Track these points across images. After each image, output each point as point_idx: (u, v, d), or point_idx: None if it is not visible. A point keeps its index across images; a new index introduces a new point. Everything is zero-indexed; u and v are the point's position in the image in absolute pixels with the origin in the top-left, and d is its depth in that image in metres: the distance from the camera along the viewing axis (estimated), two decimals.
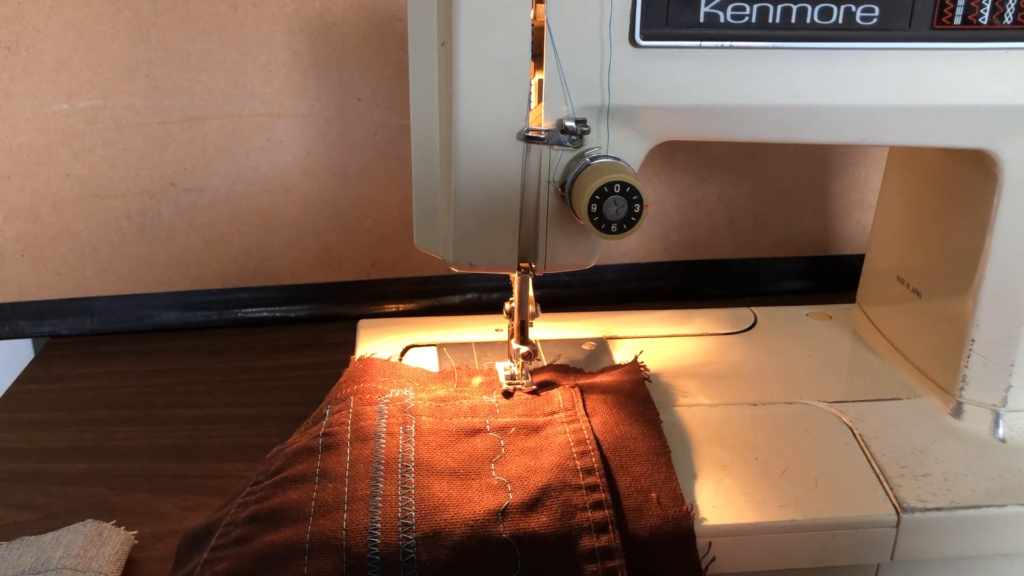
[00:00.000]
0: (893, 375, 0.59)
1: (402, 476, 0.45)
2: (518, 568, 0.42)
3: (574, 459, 0.46)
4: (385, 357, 0.58)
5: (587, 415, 0.50)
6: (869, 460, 0.50)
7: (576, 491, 0.45)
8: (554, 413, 0.51)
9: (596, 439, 0.48)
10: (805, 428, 0.52)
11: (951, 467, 0.49)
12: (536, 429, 0.49)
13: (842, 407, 0.54)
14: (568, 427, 0.49)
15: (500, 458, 0.47)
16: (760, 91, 0.46)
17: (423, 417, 0.50)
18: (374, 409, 0.50)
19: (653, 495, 0.45)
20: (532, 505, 0.44)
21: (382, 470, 0.46)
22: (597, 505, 0.44)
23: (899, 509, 0.46)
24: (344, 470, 0.46)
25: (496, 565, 0.42)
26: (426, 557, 0.41)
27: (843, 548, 0.46)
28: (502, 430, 0.49)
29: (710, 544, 0.44)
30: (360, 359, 0.57)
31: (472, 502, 0.44)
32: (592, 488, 0.45)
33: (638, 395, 0.53)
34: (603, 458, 0.47)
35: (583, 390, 0.53)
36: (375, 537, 0.42)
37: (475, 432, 0.49)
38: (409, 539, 0.42)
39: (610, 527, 0.43)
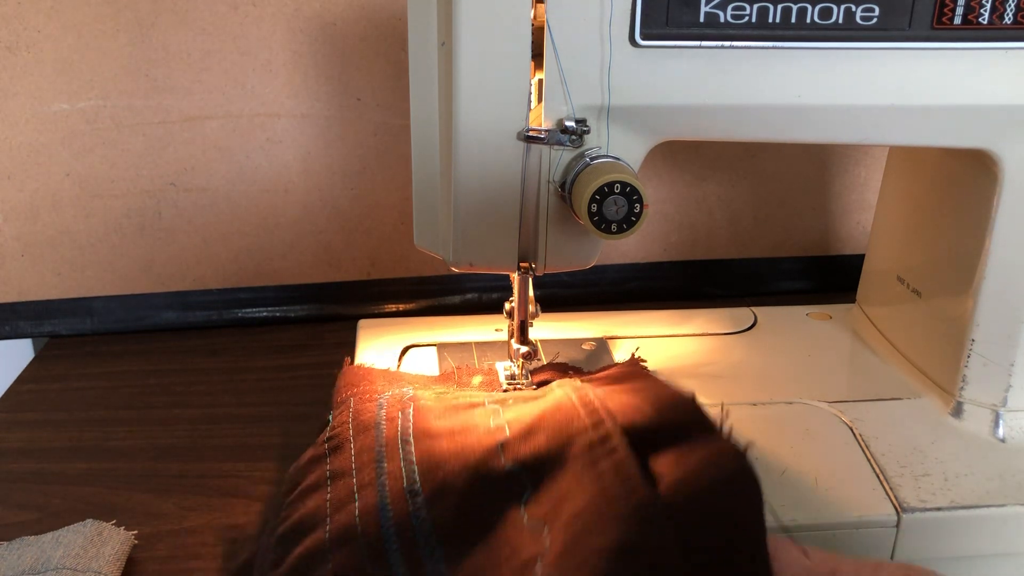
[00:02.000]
0: (893, 375, 0.59)
1: (403, 450, 0.45)
2: (528, 489, 0.42)
3: (572, 400, 0.46)
4: (385, 358, 0.58)
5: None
6: (869, 460, 0.50)
7: (572, 412, 0.45)
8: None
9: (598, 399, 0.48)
10: (805, 428, 0.52)
11: (951, 467, 0.49)
12: (535, 398, 0.49)
13: (842, 407, 0.54)
14: (569, 388, 0.49)
15: (498, 413, 0.48)
16: (760, 91, 0.46)
17: (422, 401, 0.50)
18: (374, 404, 0.50)
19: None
20: (529, 432, 0.44)
21: (384, 452, 0.46)
22: (592, 412, 0.44)
23: (899, 509, 0.46)
24: (350, 465, 0.46)
25: (505, 495, 0.42)
26: (437, 511, 0.41)
27: (843, 548, 0.46)
28: (501, 401, 0.50)
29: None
30: (356, 366, 0.57)
31: (470, 448, 0.44)
32: (590, 410, 0.44)
33: (639, 374, 0.53)
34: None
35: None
36: (387, 513, 0.42)
37: (474, 406, 0.49)
38: (417, 502, 0.42)
39: (607, 422, 0.42)
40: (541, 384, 0.54)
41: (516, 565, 0.39)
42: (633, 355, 0.58)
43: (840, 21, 0.44)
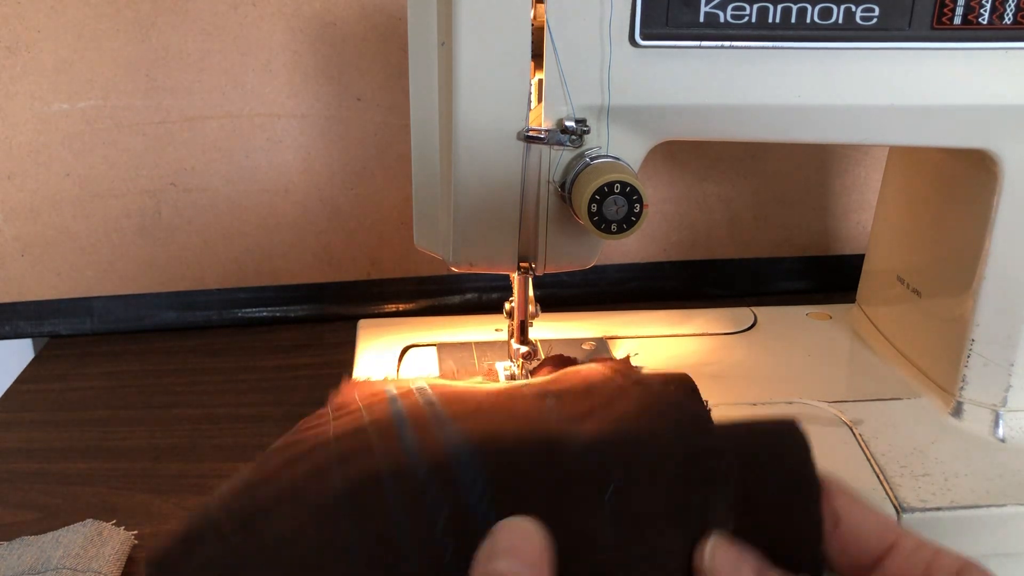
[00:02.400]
0: (893, 375, 0.59)
1: (419, 392, 0.44)
2: (551, 398, 0.41)
3: (590, 365, 0.46)
4: (384, 358, 0.58)
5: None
6: (869, 460, 0.50)
7: (595, 369, 0.44)
8: None
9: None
10: (805, 428, 0.52)
11: (951, 467, 0.49)
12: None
13: (842, 407, 0.54)
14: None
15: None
16: (760, 91, 0.46)
17: (432, 379, 0.49)
18: (383, 391, 0.49)
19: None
20: (552, 380, 0.43)
21: (398, 395, 0.43)
22: (616, 369, 0.43)
23: (899, 509, 0.46)
24: (359, 408, 0.42)
25: (527, 398, 0.41)
26: (453, 407, 0.40)
27: None
28: (514, 378, 0.49)
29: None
30: (355, 379, 0.56)
31: (494, 387, 0.43)
32: (614, 367, 0.44)
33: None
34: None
35: None
36: (400, 413, 0.39)
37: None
38: (435, 409, 0.40)
39: (634, 373, 0.42)
40: None
41: (540, 427, 0.37)
42: (627, 357, 0.57)
43: (840, 21, 0.44)
